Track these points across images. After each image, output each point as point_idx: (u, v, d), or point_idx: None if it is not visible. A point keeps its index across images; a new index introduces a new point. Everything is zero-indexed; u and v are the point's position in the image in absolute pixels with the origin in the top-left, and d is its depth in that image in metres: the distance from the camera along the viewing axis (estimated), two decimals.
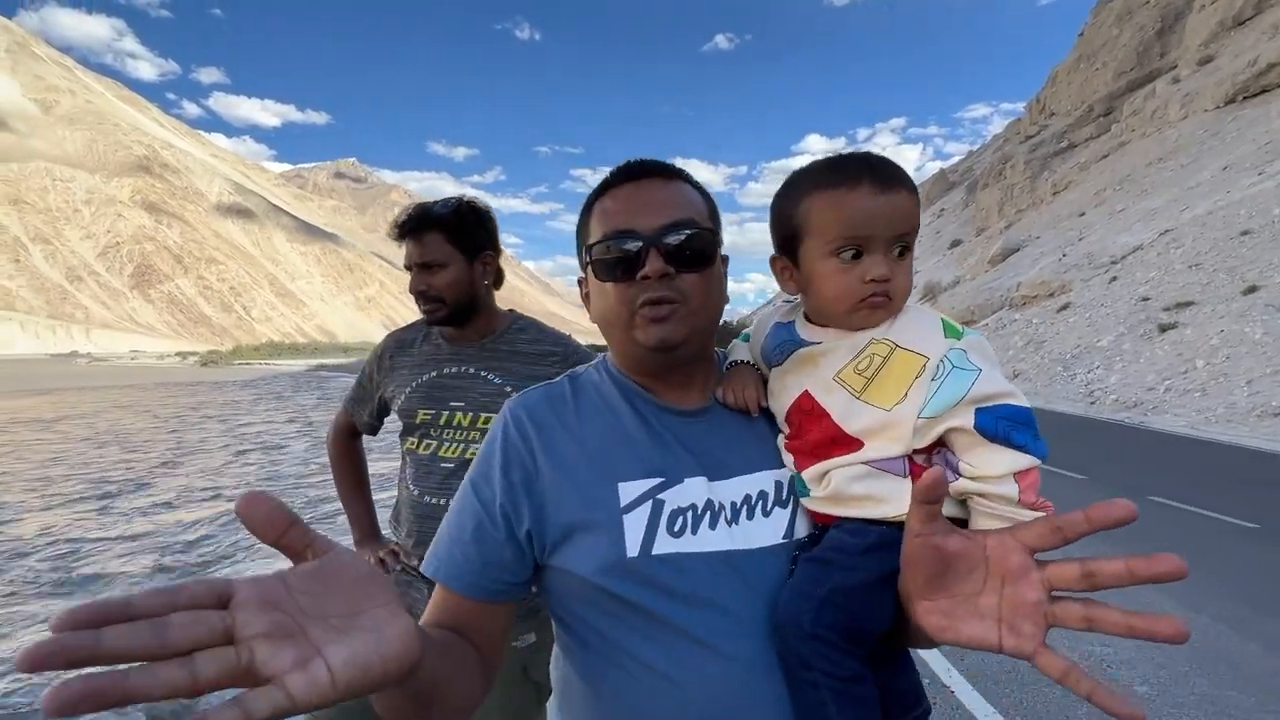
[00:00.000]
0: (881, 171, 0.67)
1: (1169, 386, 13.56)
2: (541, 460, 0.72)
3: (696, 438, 0.74)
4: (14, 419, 18.64)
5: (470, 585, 0.70)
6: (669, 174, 0.76)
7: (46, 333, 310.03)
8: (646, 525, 0.68)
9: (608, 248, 0.72)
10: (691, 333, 0.72)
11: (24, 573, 5.51)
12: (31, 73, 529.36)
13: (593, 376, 0.81)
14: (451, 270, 1.44)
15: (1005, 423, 0.61)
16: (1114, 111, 50.74)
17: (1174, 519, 5.73)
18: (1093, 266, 25.83)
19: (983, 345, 0.66)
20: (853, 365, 0.68)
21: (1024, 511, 0.60)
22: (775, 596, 0.67)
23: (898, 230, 0.67)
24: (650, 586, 0.66)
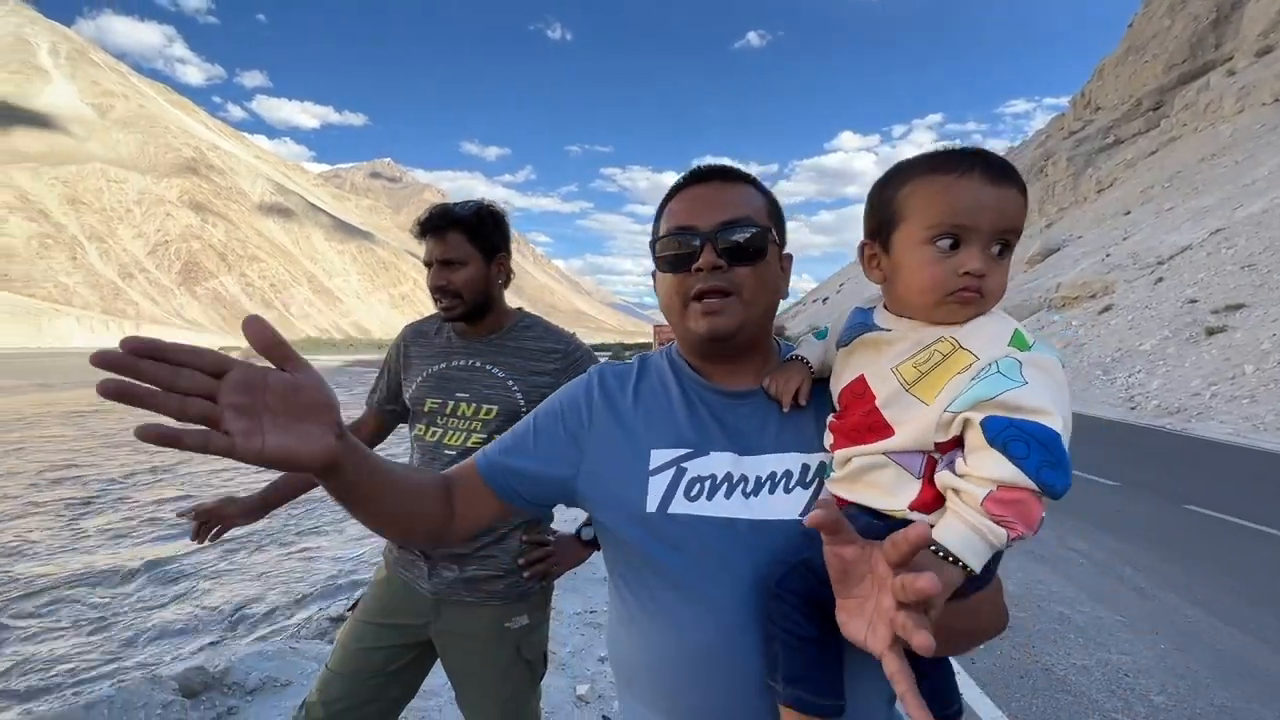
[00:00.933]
0: (995, 165, 0.66)
1: (1215, 392, 13.02)
2: (598, 418, 0.84)
3: (735, 417, 0.81)
4: (49, 410, 19.63)
5: (485, 464, 0.85)
6: (732, 176, 0.83)
7: (100, 327, 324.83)
8: (667, 487, 0.77)
9: (668, 243, 0.80)
10: (743, 323, 0.78)
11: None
12: (89, 79, 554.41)
13: (658, 359, 0.91)
14: (470, 268, 1.52)
15: (1015, 431, 0.57)
16: (1164, 106, 48.72)
17: (1210, 528, 5.54)
18: (1138, 267, 24.90)
19: (1048, 365, 0.62)
20: (913, 359, 0.68)
21: (980, 514, 0.57)
22: (777, 560, 0.72)
23: (1003, 225, 0.65)
24: (662, 539, 0.76)
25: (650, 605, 0.78)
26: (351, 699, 1.51)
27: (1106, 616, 3.74)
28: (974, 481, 0.58)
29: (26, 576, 5.42)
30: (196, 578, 5.47)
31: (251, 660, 2.74)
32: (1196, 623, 3.65)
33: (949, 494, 0.61)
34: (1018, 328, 0.66)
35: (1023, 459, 0.56)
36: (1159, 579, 4.34)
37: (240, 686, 2.58)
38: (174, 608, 4.82)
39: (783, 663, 0.68)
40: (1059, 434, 0.57)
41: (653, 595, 0.78)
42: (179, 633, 4.33)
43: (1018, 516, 0.57)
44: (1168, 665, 3.16)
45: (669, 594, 0.76)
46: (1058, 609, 3.85)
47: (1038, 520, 0.58)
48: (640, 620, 0.79)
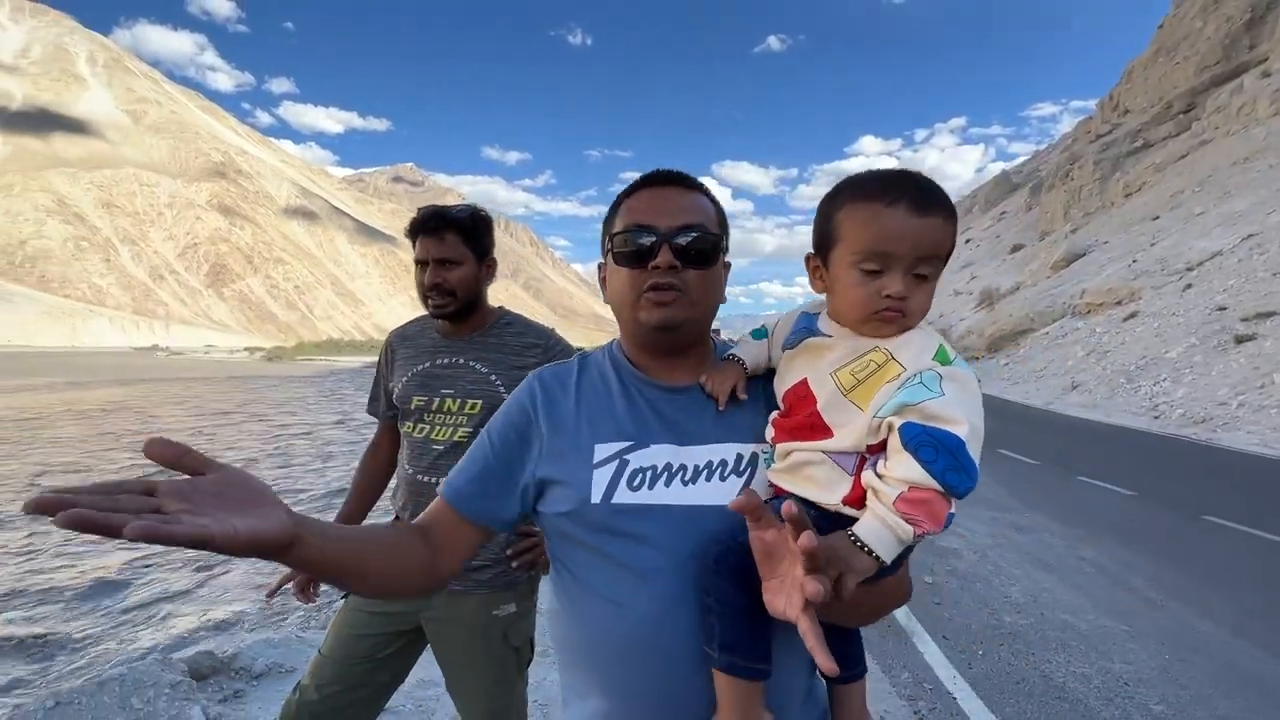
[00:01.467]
0: (921, 194, 0.71)
1: (1242, 402, 12.68)
2: (543, 421, 0.87)
3: (673, 409, 0.86)
4: (70, 408, 20.20)
5: (452, 494, 0.86)
6: (688, 184, 0.88)
7: (131, 327, 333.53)
8: (610, 479, 0.81)
9: (627, 238, 0.84)
10: (688, 319, 0.84)
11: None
12: (124, 86, 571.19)
13: (597, 357, 0.94)
14: (465, 268, 1.59)
15: (925, 437, 0.64)
16: (1195, 108, 47.53)
17: (1227, 540, 5.42)
18: (1165, 273, 24.33)
19: (962, 378, 0.69)
20: (850, 366, 0.75)
21: (891, 512, 0.65)
22: (712, 542, 0.77)
23: (924, 253, 0.71)
24: (606, 529, 0.80)
25: (592, 589, 0.82)
26: (342, 682, 1.58)
27: (1111, 626, 3.69)
28: (889, 482, 0.65)
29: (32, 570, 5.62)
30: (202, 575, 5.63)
31: (259, 647, 2.84)
32: (1204, 634, 3.59)
33: (869, 492, 0.68)
34: (941, 343, 0.73)
35: (931, 463, 0.63)
36: (1169, 590, 4.27)
37: (247, 671, 2.68)
38: (180, 601, 4.97)
39: (718, 632, 0.73)
40: (964, 441, 0.64)
41: (595, 580, 0.81)
42: (189, 618, 4.47)
43: (925, 515, 0.64)
44: (1170, 676, 3.12)
45: (611, 577, 0.80)
46: (1062, 617, 3.81)
47: (945, 518, 0.65)
48: (582, 603, 0.83)
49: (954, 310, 45.72)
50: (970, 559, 4.91)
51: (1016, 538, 5.52)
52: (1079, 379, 18.98)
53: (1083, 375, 19.17)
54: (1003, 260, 53.72)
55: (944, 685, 3.01)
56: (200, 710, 2.09)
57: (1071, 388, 18.59)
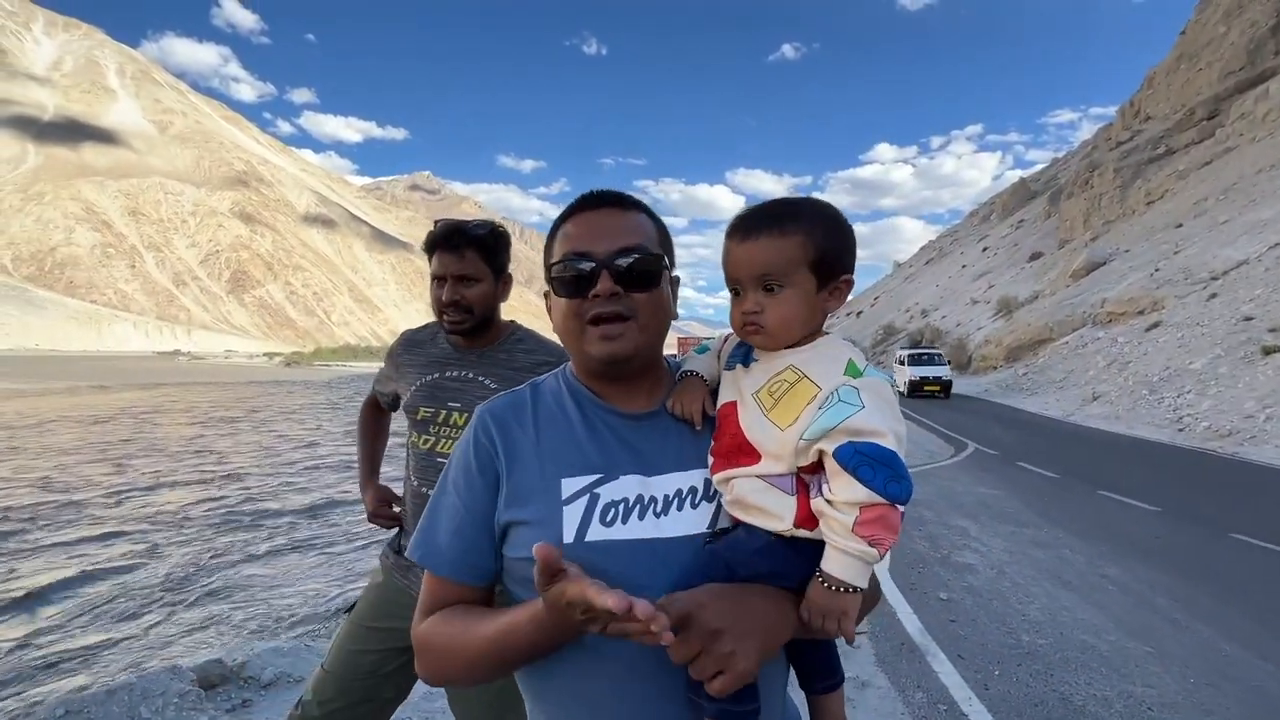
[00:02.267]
0: (748, 224, 0.79)
1: (1271, 415, 12.34)
2: (502, 460, 0.82)
3: (637, 438, 0.83)
4: (70, 413, 20.57)
5: (458, 570, 0.81)
6: (625, 204, 0.85)
7: (155, 332, 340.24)
8: (582, 516, 0.77)
9: (565, 267, 0.81)
10: (638, 347, 0.81)
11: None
12: (151, 97, 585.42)
13: (551, 384, 0.90)
14: (484, 285, 1.59)
15: (860, 457, 0.68)
16: (1219, 115, 46.73)
17: (1257, 559, 5.26)
18: (1189, 282, 23.84)
19: (877, 387, 0.73)
20: (768, 386, 0.78)
21: (854, 540, 0.68)
22: (685, 576, 0.76)
23: (757, 272, 0.77)
24: (582, 569, 0.75)
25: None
26: (345, 699, 1.57)
27: (1134, 647, 3.58)
28: (840, 508, 0.69)
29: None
30: (223, 583, 5.68)
31: (268, 656, 2.85)
32: (1231, 658, 3.47)
33: (822, 522, 0.71)
34: (850, 356, 0.77)
35: (871, 480, 0.67)
36: (1195, 611, 4.14)
37: (256, 680, 2.68)
38: (197, 607, 5.02)
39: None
40: (894, 451, 0.69)
41: None
42: (199, 628, 4.50)
43: (884, 530, 0.68)
44: (1195, 700, 3.01)
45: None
46: (1082, 637, 3.71)
47: (899, 527, 0.70)
48: (560, 650, 0.77)
49: (971, 319, 45.18)
50: (987, 575, 4.81)
51: (1035, 554, 5.40)
52: (1100, 390, 18.63)
53: (1104, 386, 18.81)
54: (1021, 268, 53.04)
55: (959, 706, 2.93)
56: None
57: (1092, 399, 18.25)
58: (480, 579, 0.82)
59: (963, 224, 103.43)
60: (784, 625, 0.73)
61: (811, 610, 0.72)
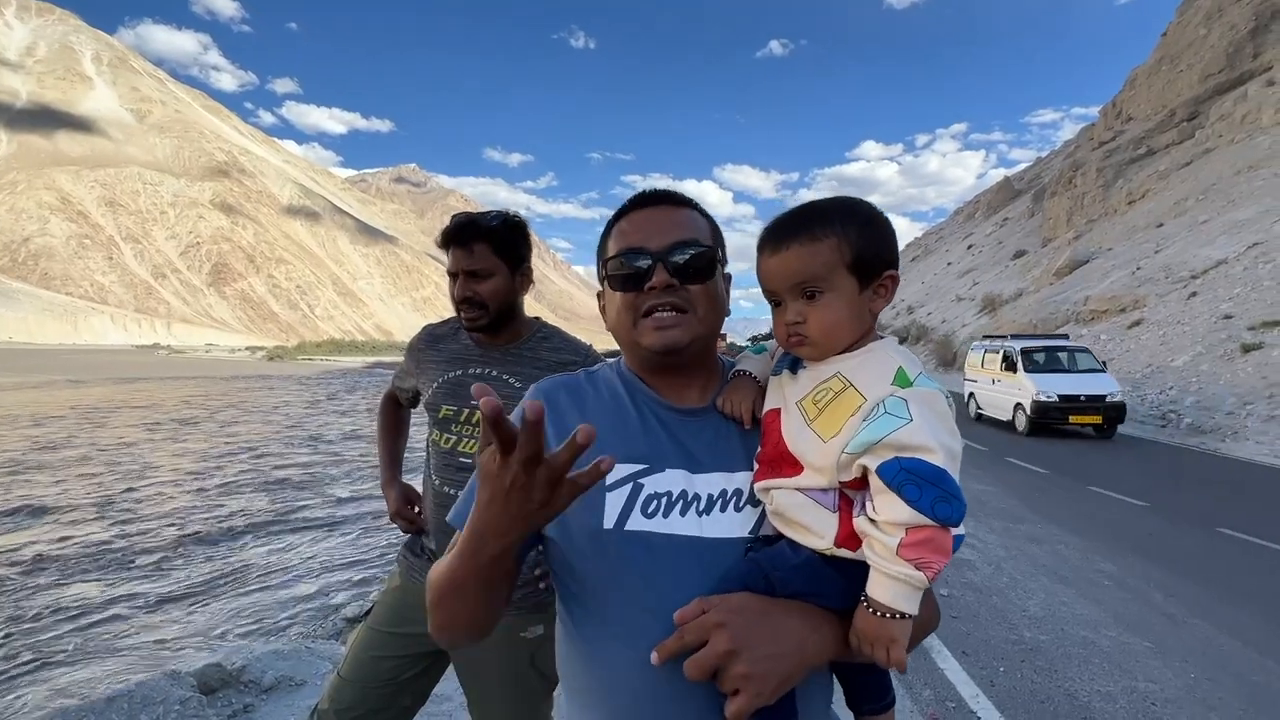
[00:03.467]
0: (778, 234, 0.76)
1: (1250, 411, 12.60)
2: (550, 435, 0.79)
3: (687, 434, 0.82)
4: (22, 411, 20.12)
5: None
6: (678, 201, 0.86)
7: (133, 325, 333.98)
8: (624, 503, 0.77)
9: (621, 262, 0.82)
10: (693, 339, 0.81)
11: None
12: (129, 84, 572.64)
13: (606, 373, 0.91)
14: (497, 279, 1.53)
15: (905, 474, 0.64)
16: (1199, 116, 47.54)
17: (1245, 553, 5.35)
18: (1170, 281, 24.27)
19: (929, 398, 0.69)
20: (813, 394, 0.75)
21: (899, 563, 0.64)
22: (723, 581, 0.74)
23: (794, 281, 0.75)
24: (619, 557, 0.75)
25: (604, 625, 0.76)
26: (363, 706, 1.52)
27: (1134, 642, 3.62)
28: (885, 529, 0.65)
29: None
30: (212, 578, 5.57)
31: (268, 659, 2.78)
32: (1228, 652, 3.51)
33: (865, 542, 0.67)
34: (901, 365, 0.72)
35: (917, 500, 0.63)
36: (1190, 605, 4.20)
37: (256, 684, 2.62)
38: (193, 606, 4.91)
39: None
40: (944, 469, 0.64)
41: (607, 615, 0.76)
42: (197, 631, 4.40)
43: (932, 553, 0.64)
44: (1197, 695, 3.05)
45: (624, 614, 0.75)
46: (1082, 633, 3.74)
47: (951, 549, 0.65)
48: (592, 640, 0.78)
49: (956, 316, 45.67)
50: (985, 571, 4.84)
51: (1031, 549, 5.45)
52: None
53: None
54: (1005, 266, 53.67)
55: (967, 704, 2.94)
56: None
57: None
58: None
59: (948, 222, 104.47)
60: (819, 650, 0.70)
61: (859, 637, 0.68)
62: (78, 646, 4.02)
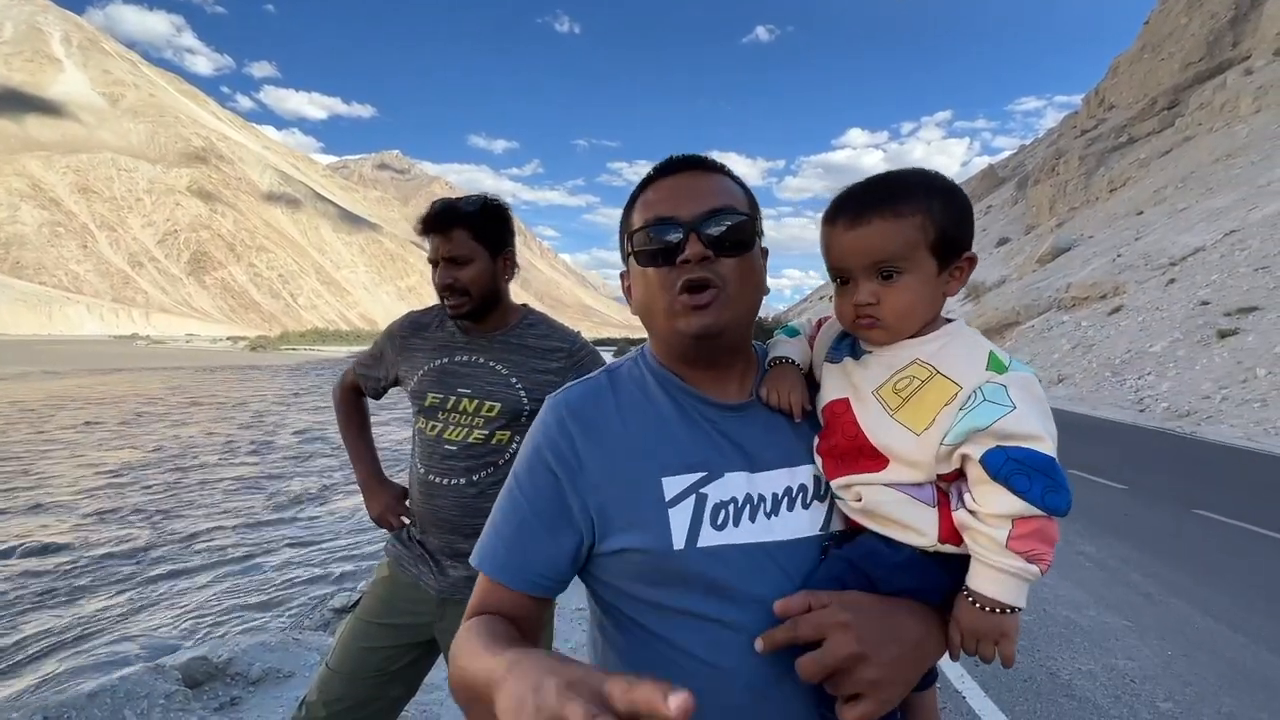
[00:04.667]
0: (853, 206, 0.70)
1: (1225, 395, 12.89)
2: (586, 455, 0.73)
3: (737, 431, 0.75)
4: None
5: (516, 580, 0.72)
6: (709, 167, 0.78)
7: (110, 315, 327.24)
8: (691, 519, 0.70)
9: (649, 235, 0.73)
10: (731, 320, 0.73)
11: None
12: (100, 67, 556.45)
13: (631, 369, 0.82)
14: (477, 265, 1.50)
15: (1013, 464, 0.60)
16: (1179, 105, 48.12)
17: (1220, 534, 5.49)
18: (1149, 268, 24.65)
19: (1027, 383, 0.65)
20: (892, 383, 0.70)
21: (1009, 556, 0.61)
22: (808, 584, 0.69)
23: (872, 260, 0.69)
24: (695, 578, 0.68)
25: (681, 648, 0.69)
26: (352, 698, 1.50)
27: (1113, 621, 3.71)
28: (990, 522, 0.61)
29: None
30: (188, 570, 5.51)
31: (254, 651, 2.75)
32: (1205, 629, 3.61)
33: (967, 536, 0.64)
34: (991, 349, 0.68)
35: (1026, 491, 0.60)
36: (1167, 585, 4.30)
37: (243, 677, 2.59)
38: (170, 601, 4.86)
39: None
40: (1053, 458, 0.61)
41: (685, 639, 0.69)
42: (178, 623, 4.36)
43: (1043, 544, 0.61)
44: (1174, 672, 3.13)
45: (706, 636, 0.69)
46: (1064, 613, 3.82)
47: (1057, 538, 0.63)
48: (666, 665, 0.69)
49: None
50: None
51: None
52: (1065, 372, 19.21)
53: (1069, 368, 19.40)
54: (989, 254, 54.18)
55: (953, 684, 3.00)
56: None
57: (1058, 380, 18.81)
58: (534, 587, 0.72)
59: None
60: (935, 649, 0.66)
61: (964, 633, 0.65)
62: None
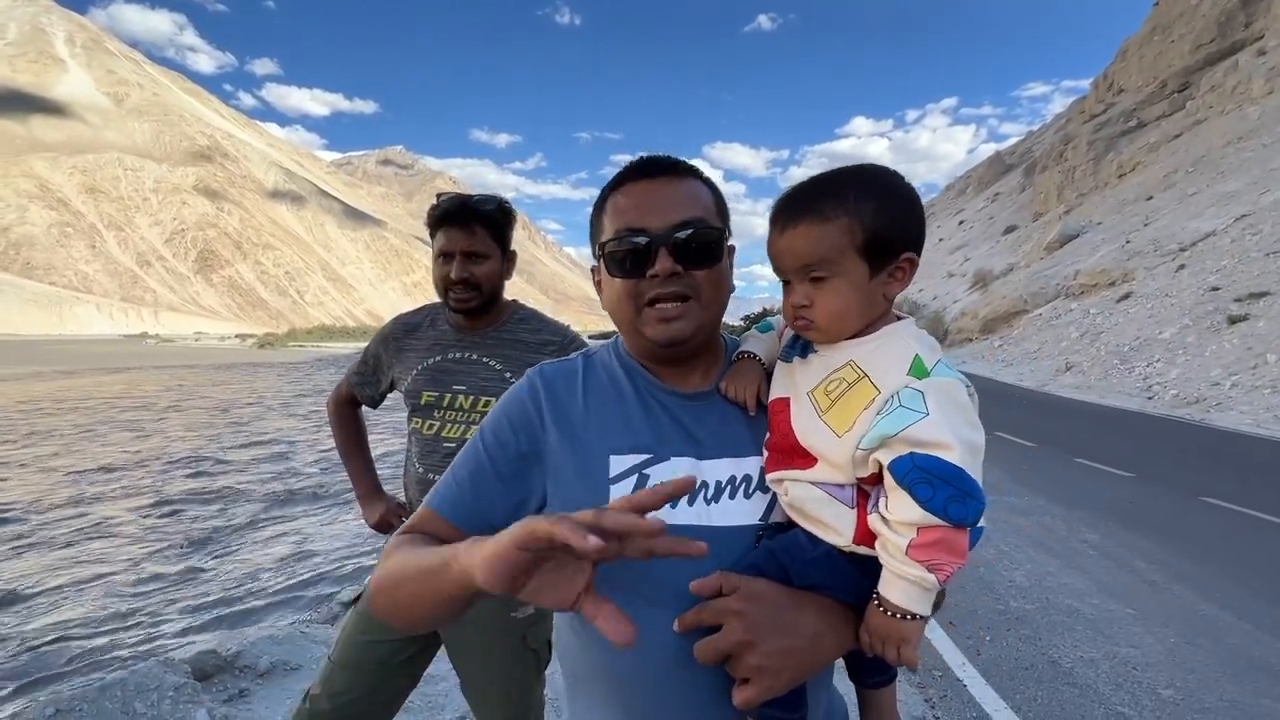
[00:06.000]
0: (788, 209, 0.72)
1: (1235, 382, 12.78)
2: (549, 424, 0.78)
3: (691, 419, 0.78)
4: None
5: (458, 515, 0.77)
6: (679, 171, 0.79)
7: (119, 314, 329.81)
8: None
9: (619, 244, 0.75)
10: (699, 328, 0.76)
11: None
12: (105, 68, 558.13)
13: (604, 356, 0.86)
14: (492, 262, 1.53)
15: (918, 472, 0.60)
16: (1190, 87, 47.40)
17: (1226, 521, 5.46)
18: (1159, 254, 24.39)
19: (948, 389, 0.65)
20: (824, 384, 0.71)
21: (909, 564, 0.61)
22: (731, 570, 0.72)
23: (800, 263, 0.71)
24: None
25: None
26: (356, 690, 1.53)
27: (1116, 609, 3.70)
28: (896, 528, 0.62)
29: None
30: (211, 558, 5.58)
31: (263, 644, 2.80)
32: (1209, 617, 3.60)
33: (879, 543, 0.65)
34: (918, 352, 0.68)
35: (929, 500, 0.60)
36: (1171, 572, 4.29)
37: (252, 669, 2.64)
38: (183, 591, 4.93)
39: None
40: (960, 467, 0.60)
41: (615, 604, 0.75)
42: (188, 616, 4.42)
43: (944, 555, 0.60)
44: (1177, 659, 3.13)
45: (630, 602, 0.72)
46: (1067, 601, 3.82)
47: (965, 551, 0.62)
48: (592, 634, 0.74)
49: (948, 292, 45.80)
50: None
51: (1018, 521, 5.54)
52: (1073, 360, 19.08)
53: (1076, 356, 19.26)
54: (996, 241, 53.74)
55: (954, 672, 3.01)
56: (206, 713, 2.05)
57: (1065, 369, 18.69)
58: (470, 526, 0.75)
59: (939, 198, 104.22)
60: (834, 645, 0.69)
61: (870, 634, 0.67)
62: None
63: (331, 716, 1.49)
